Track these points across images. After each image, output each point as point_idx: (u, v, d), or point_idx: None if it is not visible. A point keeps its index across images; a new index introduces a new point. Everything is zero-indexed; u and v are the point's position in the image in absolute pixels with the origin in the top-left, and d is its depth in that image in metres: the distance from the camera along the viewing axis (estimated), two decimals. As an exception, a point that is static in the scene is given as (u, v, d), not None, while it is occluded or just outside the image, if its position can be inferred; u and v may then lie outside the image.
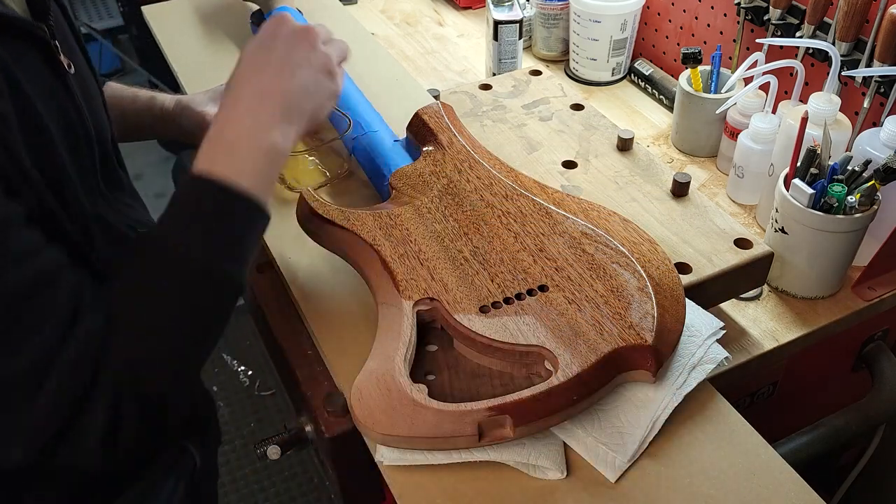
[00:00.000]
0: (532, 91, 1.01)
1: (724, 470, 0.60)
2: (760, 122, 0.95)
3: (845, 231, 0.81)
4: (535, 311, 0.65)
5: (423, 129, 0.84)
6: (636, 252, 0.70)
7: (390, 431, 0.59)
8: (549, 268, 0.69)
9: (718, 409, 0.64)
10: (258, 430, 1.85)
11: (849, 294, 0.90)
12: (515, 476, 0.60)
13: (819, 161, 0.81)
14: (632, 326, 0.63)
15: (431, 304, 0.67)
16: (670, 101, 1.19)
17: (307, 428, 0.74)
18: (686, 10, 1.20)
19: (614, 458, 0.60)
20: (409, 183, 0.79)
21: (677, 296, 0.67)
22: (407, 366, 0.62)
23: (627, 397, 0.63)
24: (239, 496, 1.73)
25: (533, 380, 0.63)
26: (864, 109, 0.92)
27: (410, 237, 0.72)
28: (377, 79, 1.06)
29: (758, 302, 0.89)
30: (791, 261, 0.86)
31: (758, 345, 0.84)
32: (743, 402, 0.92)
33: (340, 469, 0.71)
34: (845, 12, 0.88)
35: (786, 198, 0.82)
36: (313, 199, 0.75)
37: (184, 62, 1.12)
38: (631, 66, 1.28)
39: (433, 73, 1.30)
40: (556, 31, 1.32)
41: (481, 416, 0.58)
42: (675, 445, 0.61)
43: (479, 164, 0.79)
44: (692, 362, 0.65)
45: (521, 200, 0.75)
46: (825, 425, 0.88)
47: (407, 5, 1.51)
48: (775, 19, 0.99)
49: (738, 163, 0.99)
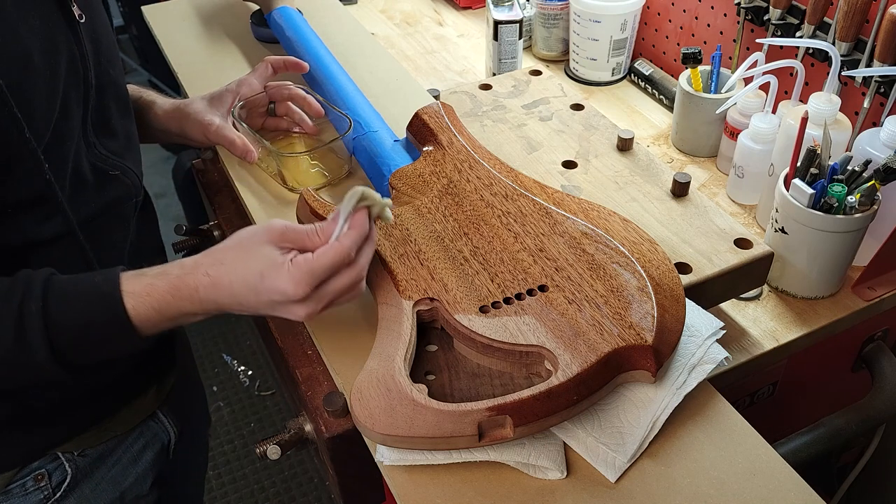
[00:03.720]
0: (532, 91, 1.01)
1: (725, 470, 0.60)
2: (760, 122, 0.95)
3: (845, 231, 0.81)
4: (535, 311, 0.65)
5: (423, 129, 0.84)
6: (636, 252, 0.70)
7: (390, 431, 0.59)
8: (549, 268, 0.69)
9: (718, 409, 0.64)
10: (258, 430, 1.85)
11: (849, 294, 0.90)
12: (515, 476, 0.60)
13: (819, 161, 0.81)
14: (632, 326, 0.63)
15: (431, 304, 0.67)
16: (670, 101, 1.19)
17: (307, 428, 0.74)
18: (686, 10, 1.20)
19: (614, 458, 0.60)
20: (409, 183, 0.79)
21: (677, 296, 0.67)
22: (407, 366, 0.62)
23: (627, 397, 0.63)
24: (239, 496, 1.73)
25: (533, 380, 0.63)
26: (864, 109, 0.92)
27: (410, 237, 0.72)
28: (377, 79, 1.06)
29: (758, 302, 0.89)
30: (791, 261, 0.86)
31: (758, 345, 0.84)
32: (743, 402, 0.92)
33: (340, 469, 0.71)
34: (845, 12, 0.88)
35: (786, 198, 0.82)
36: (313, 199, 0.75)
37: (184, 62, 1.12)
38: (631, 66, 1.28)
39: (433, 73, 1.30)
40: (556, 31, 1.32)
41: (481, 416, 0.58)
42: (675, 445, 0.61)
43: (479, 164, 0.79)
44: (692, 362, 0.65)
45: (521, 200, 0.75)
46: (825, 425, 0.88)
47: (407, 5, 1.51)
48: (775, 19, 0.99)
49: (738, 163, 0.99)
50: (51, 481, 0.75)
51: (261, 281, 0.59)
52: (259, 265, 0.60)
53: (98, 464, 0.80)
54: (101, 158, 0.73)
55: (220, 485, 1.75)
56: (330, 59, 1.00)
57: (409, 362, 0.63)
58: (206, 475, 1.75)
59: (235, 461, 1.80)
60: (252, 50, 1.14)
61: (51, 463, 0.76)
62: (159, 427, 0.88)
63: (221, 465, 1.79)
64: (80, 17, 0.69)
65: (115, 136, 0.76)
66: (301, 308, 0.60)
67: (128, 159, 0.77)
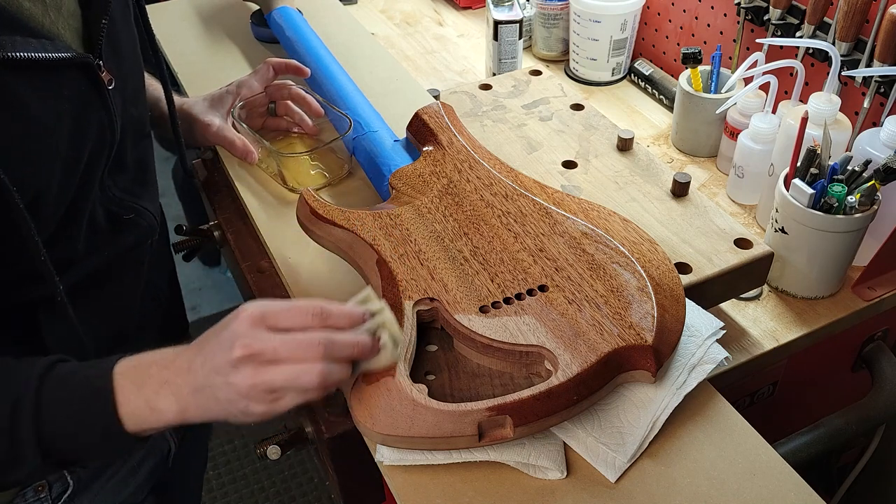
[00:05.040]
0: (532, 91, 1.01)
1: (725, 470, 0.60)
2: (760, 122, 0.95)
3: (845, 231, 0.81)
4: (535, 311, 0.65)
5: (423, 129, 0.84)
6: (636, 252, 0.70)
7: (390, 431, 0.59)
8: (548, 268, 0.69)
9: (718, 409, 0.64)
10: (258, 430, 1.85)
11: (849, 294, 0.90)
12: (515, 476, 0.60)
13: (819, 161, 0.81)
14: (632, 326, 0.63)
15: (431, 304, 0.67)
16: (670, 101, 1.19)
17: (307, 428, 0.74)
18: (686, 10, 1.20)
19: (614, 458, 0.60)
20: (409, 183, 0.79)
21: (677, 296, 0.67)
22: (407, 366, 0.62)
23: (627, 397, 0.63)
24: (239, 496, 1.73)
25: (533, 380, 0.63)
26: (864, 109, 0.92)
27: (410, 237, 0.72)
28: (377, 79, 1.06)
29: (758, 302, 0.89)
30: (791, 261, 0.86)
31: (758, 345, 0.84)
32: (743, 402, 0.92)
33: (340, 469, 0.71)
34: (845, 12, 0.88)
35: (786, 198, 0.82)
36: (313, 200, 0.75)
37: (184, 62, 1.12)
38: (631, 66, 1.28)
39: (433, 73, 1.30)
40: (556, 31, 1.32)
41: (481, 416, 0.58)
42: (675, 445, 0.61)
43: (479, 163, 0.79)
44: (692, 362, 0.65)
45: (521, 200, 0.75)
46: (825, 425, 0.88)
47: (407, 5, 1.51)
48: (775, 19, 0.99)
49: (738, 163, 0.99)
50: (51, 492, 0.74)
51: (213, 332, 0.56)
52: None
53: (97, 475, 0.79)
54: (116, 202, 0.71)
55: (220, 485, 1.75)
56: (330, 59, 1.00)
57: (409, 362, 0.63)
58: (207, 475, 1.75)
59: (235, 461, 1.80)
60: (252, 50, 1.14)
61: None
62: (159, 437, 0.87)
63: (221, 465, 1.79)
64: (110, 83, 0.65)
65: (127, 170, 0.73)
66: (237, 374, 0.53)
67: (143, 197, 0.75)
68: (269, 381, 0.53)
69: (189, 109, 0.90)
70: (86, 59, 0.61)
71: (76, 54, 0.60)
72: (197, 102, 0.91)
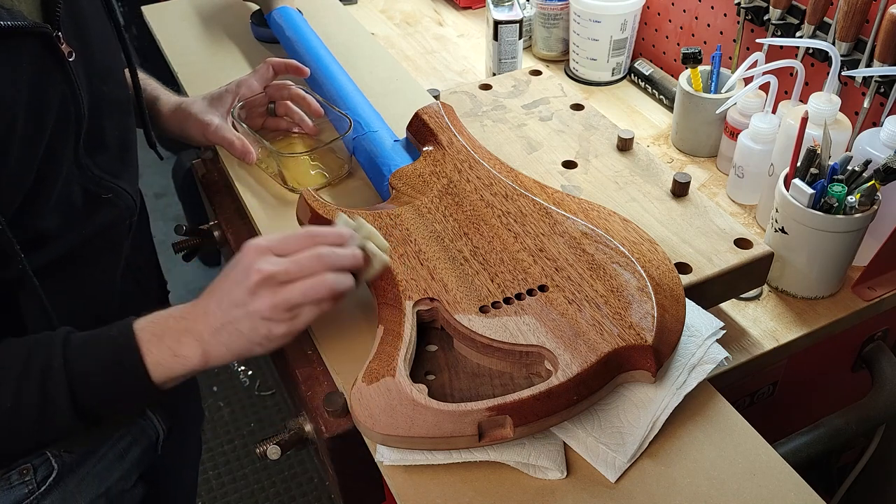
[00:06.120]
0: (532, 91, 1.01)
1: (725, 470, 0.60)
2: (760, 122, 0.95)
3: (845, 231, 0.81)
4: (535, 311, 0.65)
5: (423, 129, 0.84)
6: (636, 252, 0.70)
7: (390, 431, 0.59)
8: (549, 268, 0.69)
9: (718, 409, 0.64)
10: (258, 430, 1.85)
11: (849, 294, 0.90)
12: (515, 476, 0.60)
13: (819, 161, 0.81)
14: (632, 326, 0.63)
15: (431, 304, 0.67)
16: (670, 101, 1.19)
17: (307, 428, 0.74)
18: (686, 10, 1.20)
19: (614, 458, 0.60)
20: (409, 183, 0.79)
21: (677, 296, 0.67)
22: (407, 366, 0.62)
23: (627, 397, 0.63)
24: (239, 496, 1.73)
25: (533, 380, 0.63)
26: (864, 109, 0.92)
27: (410, 237, 0.72)
28: (377, 79, 1.06)
29: (758, 302, 0.89)
30: (791, 261, 0.86)
31: (758, 345, 0.84)
32: (743, 402, 0.92)
33: (340, 469, 0.71)
34: (845, 12, 0.88)
35: (786, 198, 0.82)
36: (313, 199, 0.75)
37: (184, 62, 1.12)
38: (631, 66, 1.28)
39: (433, 73, 1.30)
40: (556, 31, 1.32)
41: (481, 416, 0.58)
42: (675, 445, 0.61)
43: (479, 163, 0.79)
44: (692, 362, 0.65)
45: (521, 200, 0.75)
46: (825, 425, 0.88)
47: (407, 5, 1.51)
48: (775, 19, 0.99)
49: (738, 163, 0.99)
50: (35, 476, 0.75)
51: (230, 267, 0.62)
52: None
53: (83, 460, 0.80)
54: (94, 181, 0.71)
55: (220, 485, 1.75)
56: (330, 59, 1.00)
57: (409, 362, 0.63)
58: (206, 475, 1.75)
59: (235, 461, 1.80)
60: (252, 50, 1.14)
61: (37, 458, 0.76)
62: (147, 424, 0.88)
63: (221, 465, 1.79)
64: (70, 56, 0.65)
65: (108, 149, 0.73)
66: (257, 300, 0.59)
67: (122, 178, 0.75)
68: (288, 299, 0.59)
69: (188, 108, 0.90)
70: (43, 29, 0.61)
71: (32, 23, 0.60)
72: (196, 101, 0.91)
